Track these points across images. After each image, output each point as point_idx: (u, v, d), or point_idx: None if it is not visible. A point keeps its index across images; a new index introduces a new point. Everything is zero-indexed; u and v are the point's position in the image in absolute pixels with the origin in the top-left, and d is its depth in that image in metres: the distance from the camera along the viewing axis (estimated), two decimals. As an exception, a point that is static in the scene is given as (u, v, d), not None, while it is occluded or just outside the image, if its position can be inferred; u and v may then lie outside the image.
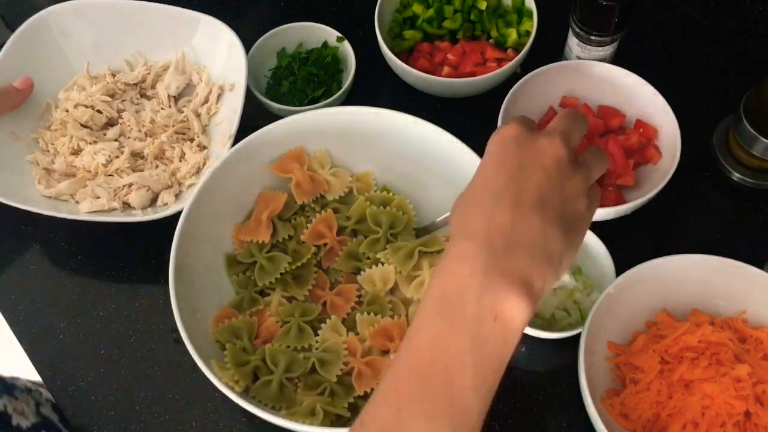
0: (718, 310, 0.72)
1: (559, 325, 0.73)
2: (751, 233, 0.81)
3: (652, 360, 0.68)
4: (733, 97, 0.82)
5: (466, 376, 0.43)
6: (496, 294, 0.43)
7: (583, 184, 0.48)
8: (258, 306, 0.72)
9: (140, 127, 0.86)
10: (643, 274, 0.69)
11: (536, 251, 0.45)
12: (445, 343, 0.43)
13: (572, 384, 0.67)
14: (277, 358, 0.68)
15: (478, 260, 0.44)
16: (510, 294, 0.43)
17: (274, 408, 0.67)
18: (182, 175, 0.82)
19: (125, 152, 0.82)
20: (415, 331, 0.45)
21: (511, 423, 0.72)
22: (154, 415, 0.74)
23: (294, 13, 0.97)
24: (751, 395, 0.64)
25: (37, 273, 0.83)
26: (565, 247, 0.46)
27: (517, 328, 0.44)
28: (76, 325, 0.79)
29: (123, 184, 0.81)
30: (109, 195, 0.81)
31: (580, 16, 0.82)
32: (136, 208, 0.80)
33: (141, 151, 0.84)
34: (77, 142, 0.84)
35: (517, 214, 0.45)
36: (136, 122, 0.86)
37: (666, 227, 0.82)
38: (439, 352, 0.43)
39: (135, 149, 0.84)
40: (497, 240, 0.45)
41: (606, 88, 0.83)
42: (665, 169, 0.77)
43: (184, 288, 0.67)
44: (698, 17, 0.94)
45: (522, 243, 0.45)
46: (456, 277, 0.44)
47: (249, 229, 0.75)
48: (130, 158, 0.82)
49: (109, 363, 0.77)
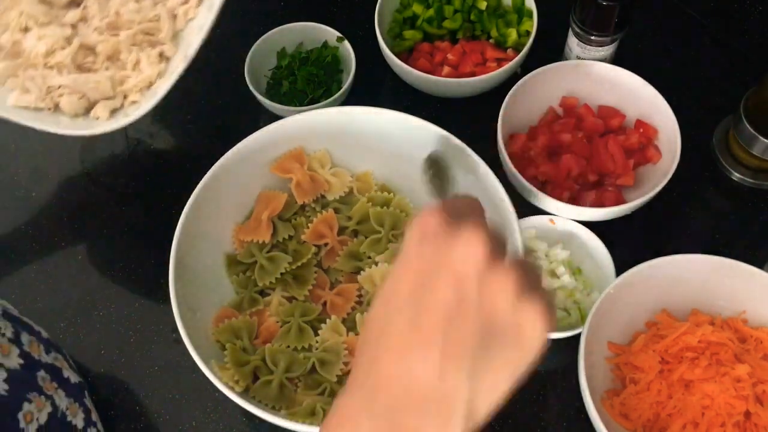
0: (718, 310, 0.72)
1: (559, 325, 0.73)
2: (751, 233, 0.81)
3: (652, 360, 0.68)
4: (733, 97, 0.82)
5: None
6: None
7: (510, 286, 0.36)
8: (258, 306, 0.72)
9: (103, 16, 0.71)
10: (643, 274, 0.69)
11: (431, 405, 0.36)
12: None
13: (572, 384, 0.67)
14: (277, 358, 0.68)
15: (358, 424, 0.37)
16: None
17: (274, 408, 0.67)
18: (128, 88, 0.71)
19: (73, 44, 0.70)
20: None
21: (511, 423, 0.72)
22: (154, 415, 0.74)
23: (294, 13, 0.97)
24: (751, 395, 0.64)
25: (37, 273, 0.83)
26: (478, 388, 0.36)
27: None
28: (76, 326, 0.79)
29: (57, 84, 0.69)
30: (39, 92, 0.69)
31: (580, 16, 0.82)
32: (66, 115, 0.70)
33: (94, 46, 0.71)
34: (27, 19, 0.71)
35: (408, 352, 0.36)
36: (99, 10, 0.71)
37: (666, 227, 0.82)
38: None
39: (87, 43, 0.70)
40: (381, 396, 0.36)
41: (606, 88, 0.83)
42: (665, 169, 0.77)
43: (184, 288, 0.67)
44: (698, 17, 0.94)
45: (413, 395, 0.36)
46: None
47: (249, 229, 0.75)
48: (79, 52, 0.70)
49: (108, 363, 0.77)
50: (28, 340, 0.67)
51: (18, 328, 0.67)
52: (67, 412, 0.67)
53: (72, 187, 0.88)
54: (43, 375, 0.66)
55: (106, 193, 0.88)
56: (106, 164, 0.90)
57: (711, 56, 0.92)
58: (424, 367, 0.36)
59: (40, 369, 0.66)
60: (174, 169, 0.89)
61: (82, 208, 0.87)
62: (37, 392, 0.64)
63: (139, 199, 0.87)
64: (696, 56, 0.92)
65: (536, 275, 0.39)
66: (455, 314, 0.36)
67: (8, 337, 0.65)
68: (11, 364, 0.62)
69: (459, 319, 0.36)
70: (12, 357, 0.63)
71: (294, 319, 0.71)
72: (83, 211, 0.86)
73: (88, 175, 0.89)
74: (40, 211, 0.86)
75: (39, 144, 0.91)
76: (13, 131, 0.91)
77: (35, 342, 0.68)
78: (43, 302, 0.80)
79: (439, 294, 0.36)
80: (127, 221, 0.85)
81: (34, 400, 0.63)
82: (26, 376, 0.64)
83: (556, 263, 0.76)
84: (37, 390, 0.64)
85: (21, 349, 0.65)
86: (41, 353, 0.68)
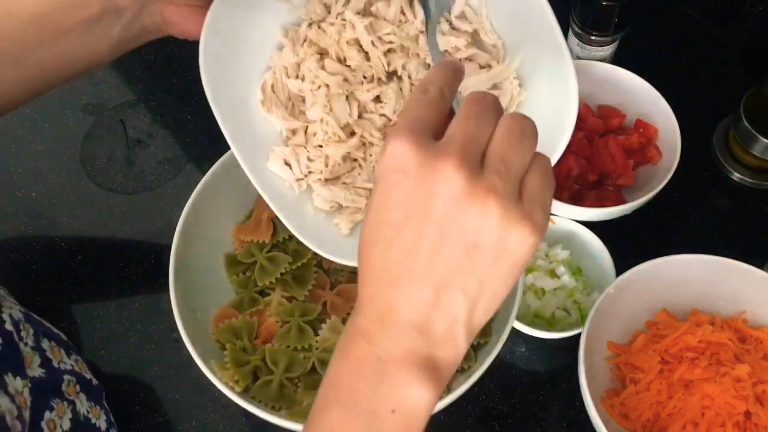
0: (718, 310, 0.72)
1: (559, 325, 0.74)
2: (751, 233, 0.81)
3: (652, 360, 0.68)
4: (733, 97, 0.82)
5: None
6: (393, 383, 0.39)
7: (493, 209, 0.37)
8: (258, 306, 0.72)
9: (393, 110, 0.58)
10: (643, 274, 0.69)
11: (434, 325, 0.39)
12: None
13: (572, 384, 0.67)
14: (277, 358, 0.68)
15: (371, 341, 0.39)
16: (409, 381, 0.39)
17: (274, 408, 0.66)
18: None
19: (352, 141, 0.58)
20: (313, 422, 0.41)
21: (511, 423, 0.72)
22: (154, 415, 0.74)
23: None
24: (751, 395, 0.64)
25: (37, 273, 0.83)
26: (476, 301, 0.39)
27: (420, 416, 0.39)
28: (76, 326, 0.79)
29: (315, 177, 0.59)
30: (299, 171, 0.59)
31: (580, 16, 0.82)
32: (310, 209, 0.59)
33: (367, 144, 0.59)
34: (320, 82, 0.58)
35: (406, 284, 0.38)
36: (395, 98, 0.58)
37: (666, 227, 0.82)
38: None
39: (364, 137, 0.58)
40: (389, 318, 0.39)
41: (606, 88, 0.83)
42: (665, 169, 0.77)
43: (184, 288, 0.67)
44: (698, 17, 0.94)
45: (414, 320, 0.39)
46: (350, 363, 0.40)
47: (249, 229, 0.75)
48: (351, 152, 0.59)
49: (108, 363, 0.77)
50: (49, 345, 0.67)
51: (39, 334, 0.66)
52: (89, 415, 0.67)
53: (72, 187, 0.88)
54: (68, 380, 0.66)
55: (106, 193, 0.88)
56: (106, 164, 0.90)
57: (711, 56, 0.92)
58: (420, 296, 0.38)
59: (63, 375, 0.66)
60: (174, 169, 0.89)
61: (82, 208, 0.87)
62: (59, 398, 0.63)
63: (139, 200, 0.87)
64: (696, 56, 0.92)
65: (527, 149, 0.40)
66: (441, 248, 0.37)
67: (30, 345, 0.64)
68: (34, 374, 0.62)
69: (445, 251, 0.38)
70: (34, 367, 0.63)
71: (294, 319, 0.71)
72: (83, 211, 0.87)
73: (88, 175, 0.89)
74: (40, 211, 0.86)
75: (39, 144, 0.91)
76: (14, 131, 0.91)
77: (55, 347, 0.67)
78: (42, 302, 0.80)
79: (422, 231, 0.37)
80: (127, 221, 0.85)
81: (56, 406, 0.62)
82: (49, 384, 0.63)
83: (556, 263, 0.76)
84: (59, 396, 0.64)
85: (43, 356, 0.65)
86: (62, 358, 0.67)
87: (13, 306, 0.66)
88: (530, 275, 0.75)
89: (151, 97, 0.95)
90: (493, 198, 0.37)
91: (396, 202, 0.38)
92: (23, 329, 0.63)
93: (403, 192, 0.38)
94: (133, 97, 0.95)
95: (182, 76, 0.95)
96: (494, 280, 0.38)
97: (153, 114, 0.94)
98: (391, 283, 0.39)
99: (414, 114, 0.39)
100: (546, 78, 0.56)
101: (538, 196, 0.39)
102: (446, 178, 0.37)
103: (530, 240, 0.38)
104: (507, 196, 0.37)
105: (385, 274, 0.39)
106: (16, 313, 0.64)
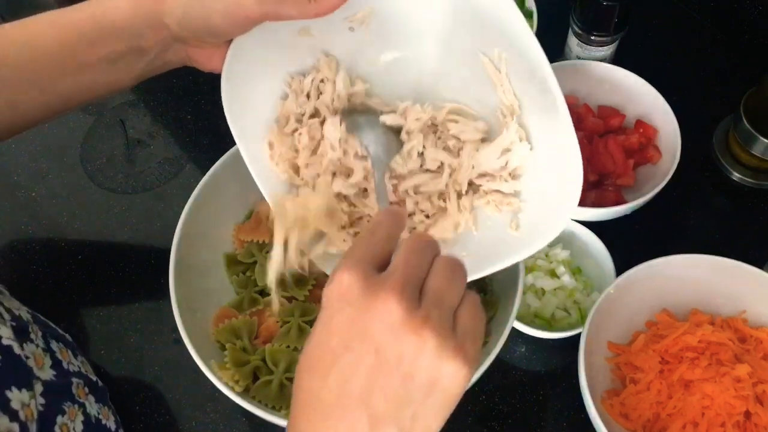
0: (718, 310, 0.72)
1: (559, 325, 0.74)
2: (751, 233, 0.81)
3: (652, 360, 0.68)
4: (733, 97, 0.82)
5: None
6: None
7: (428, 342, 0.38)
8: (258, 306, 0.72)
9: (430, 201, 0.61)
10: (643, 274, 0.69)
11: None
12: None
13: (572, 384, 0.67)
14: (277, 358, 0.68)
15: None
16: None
17: (274, 408, 0.66)
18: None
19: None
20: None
21: (511, 423, 0.72)
22: (154, 415, 0.74)
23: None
24: (751, 395, 0.64)
25: (37, 274, 0.83)
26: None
27: None
28: (76, 326, 0.79)
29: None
30: (343, 248, 0.61)
31: (580, 16, 0.82)
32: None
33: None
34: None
35: (339, 416, 0.39)
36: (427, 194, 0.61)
37: (666, 227, 0.82)
38: None
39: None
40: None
41: (606, 88, 0.83)
42: (665, 169, 0.77)
43: (184, 288, 0.67)
44: (698, 17, 0.94)
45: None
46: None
47: (249, 229, 0.75)
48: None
49: (108, 363, 0.77)
50: (57, 347, 0.66)
51: (48, 336, 0.66)
52: (100, 417, 0.67)
53: (72, 187, 0.88)
54: (76, 382, 0.65)
55: (106, 193, 0.88)
56: (106, 164, 0.90)
57: (711, 56, 0.92)
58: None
59: (73, 376, 0.66)
60: (174, 169, 0.89)
61: (82, 208, 0.87)
62: (71, 401, 0.63)
63: (139, 200, 0.87)
64: (696, 56, 0.92)
65: (459, 285, 0.41)
66: (378, 376, 0.38)
67: (42, 347, 0.64)
68: (46, 376, 0.62)
69: (382, 380, 0.38)
70: (45, 368, 0.62)
71: (294, 319, 0.71)
72: (83, 211, 0.87)
73: (88, 175, 0.89)
74: (40, 211, 0.86)
75: (39, 144, 0.91)
76: (13, 131, 0.91)
77: (63, 348, 0.67)
78: (42, 302, 0.80)
79: (360, 359, 0.38)
80: (127, 221, 0.86)
81: (68, 410, 0.62)
82: (60, 386, 0.63)
83: (556, 263, 0.76)
84: (71, 399, 0.63)
85: (53, 357, 0.64)
86: (70, 359, 0.67)
87: (21, 307, 0.66)
88: (530, 275, 0.75)
89: (151, 97, 0.95)
90: (429, 328, 0.38)
91: (337, 329, 0.39)
92: (32, 331, 0.63)
93: (344, 319, 0.39)
94: (133, 97, 0.95)
95: (182, 76, 0.95)
96: (427, 414, 0.39)
97: (153, 114, 0.94)
98: (325, 414, 0.39)
99: (362, 250, 0.42)
100: (546, 138, 0.58)
101: (470, 328, 0.41)
102: (387, 307, 0.38)
103: (462, 372, 0.39)
104: (442, 326, 0.39)
105: (318, 404, 0.39)
106: (24, 314, 0.64)
